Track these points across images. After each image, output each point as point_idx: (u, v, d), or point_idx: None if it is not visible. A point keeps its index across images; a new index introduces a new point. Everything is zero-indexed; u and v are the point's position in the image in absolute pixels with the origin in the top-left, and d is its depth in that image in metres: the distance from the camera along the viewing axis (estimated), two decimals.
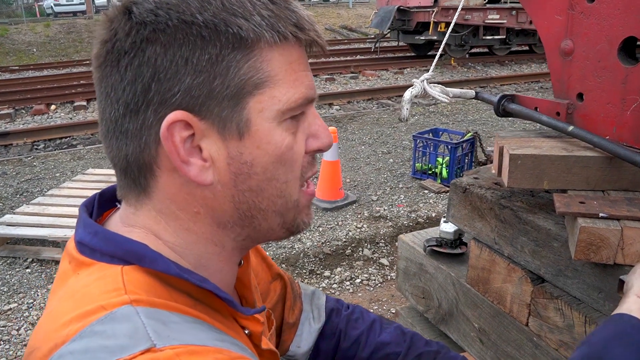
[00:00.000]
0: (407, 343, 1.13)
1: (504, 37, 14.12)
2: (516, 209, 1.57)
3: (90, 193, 1.46)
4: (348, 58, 15.46)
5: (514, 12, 12.79)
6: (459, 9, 2.01)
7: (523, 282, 1.53)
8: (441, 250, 1.90)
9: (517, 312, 1.55)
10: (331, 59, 14.67)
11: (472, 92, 1.91)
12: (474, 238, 1.71)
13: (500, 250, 1.61)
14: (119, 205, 0.78)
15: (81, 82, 12.48)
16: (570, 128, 1.53)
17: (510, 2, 12.96)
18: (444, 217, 1.96)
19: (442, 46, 1.90)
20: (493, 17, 12.89)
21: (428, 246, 1.92)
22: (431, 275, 1.90)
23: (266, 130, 0.68)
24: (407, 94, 1.80)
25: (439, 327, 1.88)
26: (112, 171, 0.91)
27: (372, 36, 18.40)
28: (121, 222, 0.74)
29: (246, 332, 0.77)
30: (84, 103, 10.62)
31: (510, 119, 8.06)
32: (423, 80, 1.80)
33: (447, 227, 1.92)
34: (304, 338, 1.06)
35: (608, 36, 1.50)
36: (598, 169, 1.45)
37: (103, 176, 5.96)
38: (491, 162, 5.43)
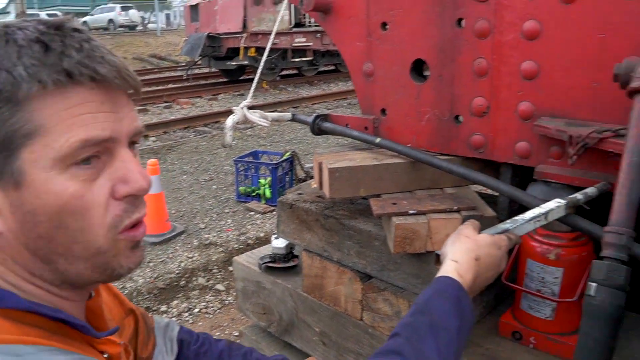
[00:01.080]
0: None
1: (312, 58, 15.02)
2: (339, 217, 1.72)
3: None
4: (160, 87, 15.10)
5: (318, 35, 13.64)
6: (272, 35, 2.15)
7: (353, 282, 1.68)
8: (276, 265, 1.99)
9: (352, 309, 1.70)
10: (142, 89, 14.22)
11: (289, 115, 2.05)
12: (304, 249, 1.83)
13: (330, 257, 1.75)
14: None
15: None
16: (378, 140, 1.73)
17: (314, 26, 13.81)
18: (275, 233, 2.06)
19: (259, 70, 2.02)
20: (300, 40, 13.63)
21: (263, 263, 2.00)
22: (269, 291, 1.98)
23: (43, 180, 0.66)
24: (229, 121, 1.87)
25: (283, 338, 1.97)
26: None
27: (184, 64, 18.22)
28: None
29: (105, 356, 0.77)
30: None
31: (324, 136, 8.55)
32: (243, 107, 1.89)
33: (279, 243, 2.02)
34: None
35: (401, 59, 1.73)
36: (404, 173, 1.66)
37: None
38: (311, 178, 5.71)
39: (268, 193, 5.82)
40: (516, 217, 1.26)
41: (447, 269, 1.08)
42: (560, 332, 1.50)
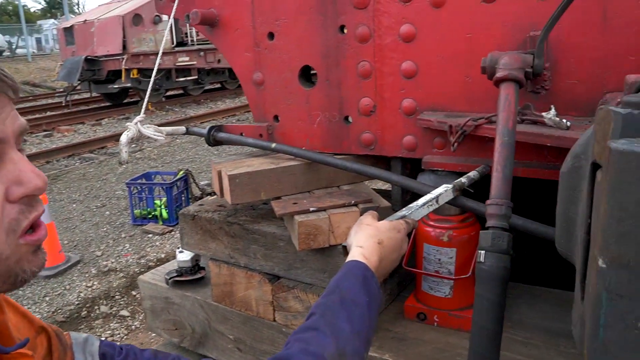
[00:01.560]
0: None
1: (196, 77, 14.82)
2: (242, 222, 1.75)
3: None
4: (37, 115, 14.16)
5: (202, 53, 13.51)
6: (158, 57, 2.14)
7: (262, 284, 1.71)
8: (183, 278, 1.98)
9: (264, 312, 1.73)
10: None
11: (182, 129, 2.05)
12: (211, 259, 1.84)
13: (237, 263, 1.77)
14: None
15: None
16: (273, 145, 1.78)
17: (197, 45, 13.64)
18: (179, 247, 2.04)
19: (150, 87, 1.99)
20: (183, 60, 13.42)
21: (170, 278, 1.98)
22: (179, 305, 1.96)
23: None
24: (124, 138, 1.84)
25: (198, 351, 1.95)
26: None
27: (62, 90, 17.24)
28: None
29: None
30: None
31: (216, 152, 8.47)
32: (137, 123, 1.87)
33: (184, 256, 2.01)
34: None
35: (289, 66, 1.80)
36: (302, 175, 1.72)
37: None
38: (208, 195, 5.64)
39: (165, 214, 5.68)
40: (410, 205, 1.36)
41: (354, 254, 1.15)
42: (459, 307, 1.63)
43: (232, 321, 1.81)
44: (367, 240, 1.17)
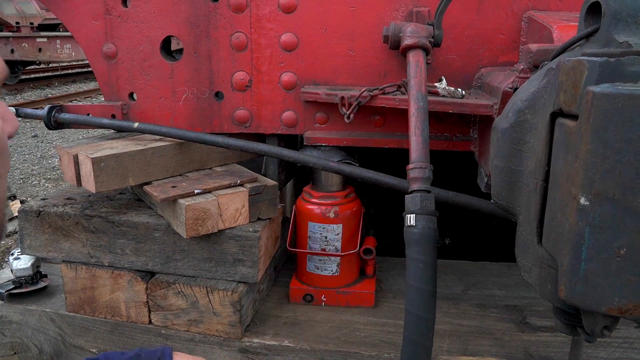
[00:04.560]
0: None
1: None
2: (105, 215, 1.52)
3: None
4: None
5: None
6: None
7: (134, 283, 1.50)
8: (23, 290, 1.65)
9: (136, 315, 1.52)
10: None
11: (12, 110, 1.71)
12: (64, 261, 1.56)
13: (100, 262, 1.53)
14: None
15: None
16: (136, 125, 1.57)
17: None
18: (12, 254, 1.71)
19: None
20: None
21: (5, 292, 1.64)
22: (19, 324, 1.63)
23: None
24: None
25: None
26: None
27: None
28: None
29: None
30: None
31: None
32: None
33: (22, 263, 1.68)
34: None
35: (149, 37, 1.60)
36: (172, 156, 1.55)
37: None
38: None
39: None
40: None
41: None
42: (346, 284, 1.62)
43: (95, 331, 1.56)
44: None
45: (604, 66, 0.71)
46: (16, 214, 2.47)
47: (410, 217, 1.04)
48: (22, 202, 4.12)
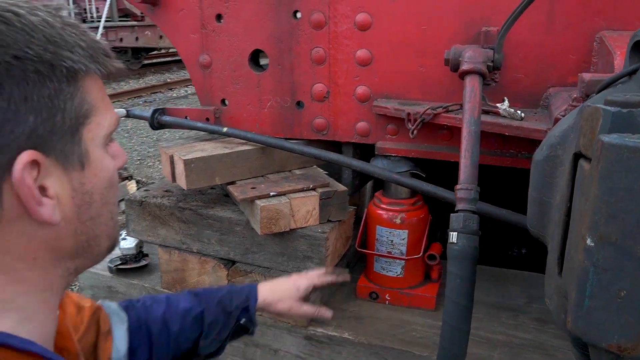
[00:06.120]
0: (203, 299, 1.19)
1: None
2: (195, 208, 1.72)
3: None
4: None
5: (104, 31, 12.79)
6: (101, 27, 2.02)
7: (217, 269, 1.70)
8: (128, 266, 1.92)
9: None
10: None
11: (122, 111, 1.97)
12: (160, 245, 1.80)
13: (189, 248, 1.75)
14: None
15: None
16: (225, 129, 1.76)
17: (98, 21, 12.88)
18: (120, 234, 1.98)
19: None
20: None
21: (114, 266, 1.91)
22: (124, 294, 1.90)
23: (99, 157, 0.68)
24: None
25: None
26: None
27: None
28: None
29: None
30: None
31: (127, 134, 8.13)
32: None
33: (127, 243, 1.95)
34: (118, 341, 1.03)
35: (239, 50, 1.78)
36: (255, 159, 1.72)
37: None
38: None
39: None
40: None
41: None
42: (410, 286, 1.72)
43: None
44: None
45: (617, 116, 0.76)
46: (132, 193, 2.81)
47: (452, 234, 1.12)
48: (137, 182, 4.56)
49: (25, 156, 0.58)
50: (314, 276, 1.31)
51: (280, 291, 1.26)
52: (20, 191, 0.59)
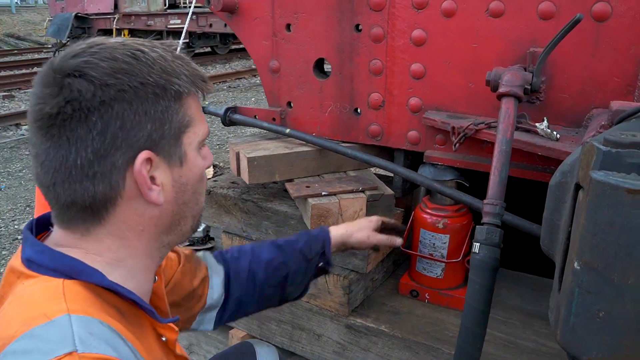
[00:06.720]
0: (285, 250, 1.41)
1: (187, 40, 14.74)
2: (256, 200, 1.91)
3: None
4: (25, 71, 13.96)
5: (194, 17, 13.42)
6: (188, 18, 2.24)
7: None
8: (195, 248, 2.14)
9: None
10: (3, 73, 13.04)
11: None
12: (224, 231, 2.00)
13: (249, 237, 1.94)
14: (51, 229, 0.90)
15: None
16: (287, 131, 1.93)
17: (189, 7, 13.51)
18: None
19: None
20: (175, 22, 13.33)
21: (184, 247, 2.14)
22: None
23: (194, 157, 0.91)
24: None
25: None
26: None
27: (50, 45, 16.91)
28: (60, 243, 0.85)
29: (163, 339, 0.92)
30: None
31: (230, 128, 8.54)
32: None
33: None
34: (215, 289, 1.31)
35: (304, 57, 1.94)
36: (313, 160, 1.88)
37: None
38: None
39: None
40: None
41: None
42: (448, 287, 1.82)
43: None
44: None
45: (607, 155, 0.84)
46: (209, 176, 3.06)
47: (476, 245, 1.23)
48: (214, 166, 4.85)
49: (144, 154, 0.83)
50: (380, 218, 1.57)
51: (356, 224, 1.52)
52: (137, 179, 0.83)
